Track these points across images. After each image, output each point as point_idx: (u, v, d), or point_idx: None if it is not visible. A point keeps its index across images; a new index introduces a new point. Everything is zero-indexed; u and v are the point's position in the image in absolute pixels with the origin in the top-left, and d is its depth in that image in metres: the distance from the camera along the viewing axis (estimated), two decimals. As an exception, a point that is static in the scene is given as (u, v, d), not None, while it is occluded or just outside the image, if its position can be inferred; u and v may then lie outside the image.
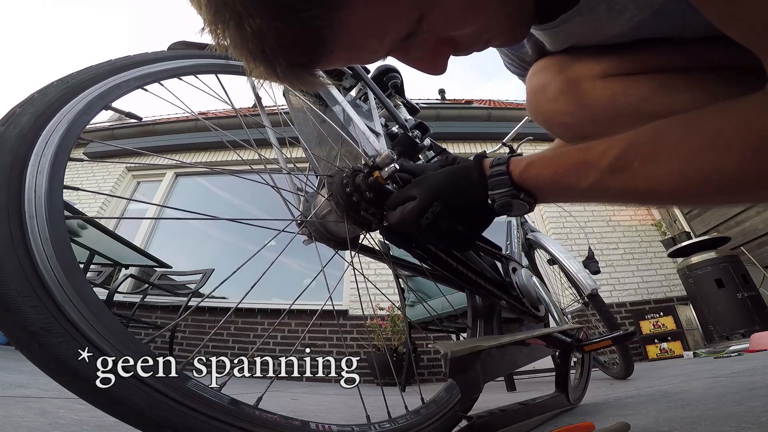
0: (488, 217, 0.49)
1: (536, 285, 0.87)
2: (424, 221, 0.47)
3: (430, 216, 0.47)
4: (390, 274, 3.15)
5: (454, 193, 0.47)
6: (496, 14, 0.37)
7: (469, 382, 0.49)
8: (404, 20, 0.33)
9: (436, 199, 0.47)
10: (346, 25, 0.30)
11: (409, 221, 0.48)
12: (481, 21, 0.37)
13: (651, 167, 0.35)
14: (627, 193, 0.38)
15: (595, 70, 0.50)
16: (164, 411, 0.30)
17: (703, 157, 0.32)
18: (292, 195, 0.65)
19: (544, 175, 0.43)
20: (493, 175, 0.46)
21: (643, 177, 0.36)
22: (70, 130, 0.37)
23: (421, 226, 0.47)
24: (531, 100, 0.57)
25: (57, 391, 0.83)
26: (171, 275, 3.23)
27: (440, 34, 0.36)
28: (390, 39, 0.34)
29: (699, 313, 3.25)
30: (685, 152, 0.33)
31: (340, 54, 0.33)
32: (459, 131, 4.97)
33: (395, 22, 0.32)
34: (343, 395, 1.84)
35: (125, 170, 5.08)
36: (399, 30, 0.33)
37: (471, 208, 0.47)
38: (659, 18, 0.42)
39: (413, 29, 0.34)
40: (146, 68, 0.49)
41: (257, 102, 0.79)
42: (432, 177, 0.50)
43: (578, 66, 0.51)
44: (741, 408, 0.60)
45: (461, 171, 0.49)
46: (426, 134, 0.93)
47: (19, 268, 0.28)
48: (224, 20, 0.28)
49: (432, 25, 0.34)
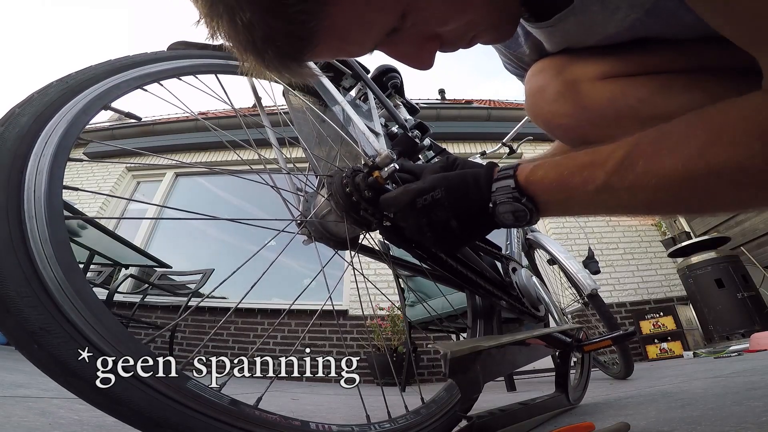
0: (485, 225, 0.48)
1: (536, 285, 0.87)
2: (421, 201, 0.46)
3: (429, 199, 0.46)
4: (390, 274, 3.15)
5: (458, 188, 0.47)
6: (480, 11, 0.38)
7: (469, 382, 0.49)
8: (389, 15, 0.34)
9: (440, 186, 0.46)
10: (332, 19, 0.31)
11: (406, 198, 0.48)
12: (466, 17, 0.37)
13: (657, 165, 0.35)
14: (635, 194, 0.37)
15: (593, 72, 0.50)
16: (164, 411, 0.30)
17: (710, 152, 0.32)
18: (292, 195, 0.65)
19: (551, 177, 0.42)
20: (499, 178, 0.45)
21: (651, 175, 0.35)
22: (70, 130, 0.37)
23: (416, 206, 0.47)
24: (530, 102, 0.57)
25: (57, 391, 0.83)
26: (171, 275, 3.23)
27: (425, 29, 0.37)
28: (375, 33, 0.35)
29: (699, 313, 3.25)
30: (690, 149, 0.33)
31: (327, 46, 0.35)
32: (459, 131, 4.97)
33: (380, 17, 0.34)
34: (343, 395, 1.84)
35: (125, 170, 5.08)
36: (384, 25, 0.34)
37: (469, 207, 0.47)
38: (652, 17, 0.42)
39: (398, 24, 0.35)
40: (146, 68, 0.49)
41: (257, 102, 0.79)
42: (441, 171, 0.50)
43: (577, 67, 0.51)
44: (741, 408, 0.60)
45: (471, 172, 0.49)
46: (426, 134, 0.93)
47: (19, 268, 0.28)
48: (218, 13, 0.30)
49: (416, 20, 0.35)
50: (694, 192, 0.34)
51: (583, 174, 0.39)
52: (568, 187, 0.40)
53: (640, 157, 0.36)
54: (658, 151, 0.35)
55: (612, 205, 0.40)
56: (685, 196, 0.35)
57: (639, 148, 0.36)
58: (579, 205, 0.42)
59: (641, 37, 0.46)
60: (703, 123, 0.34)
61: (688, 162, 0.33)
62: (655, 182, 0.35)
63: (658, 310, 3.33)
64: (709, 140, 0.32)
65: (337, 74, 0.92)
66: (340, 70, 0.91)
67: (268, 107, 0.81)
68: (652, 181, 0.35)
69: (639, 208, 0.40)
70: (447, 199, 0.46)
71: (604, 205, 0.40)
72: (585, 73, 0.51)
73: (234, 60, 0.65)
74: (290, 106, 0.82)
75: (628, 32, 0.45)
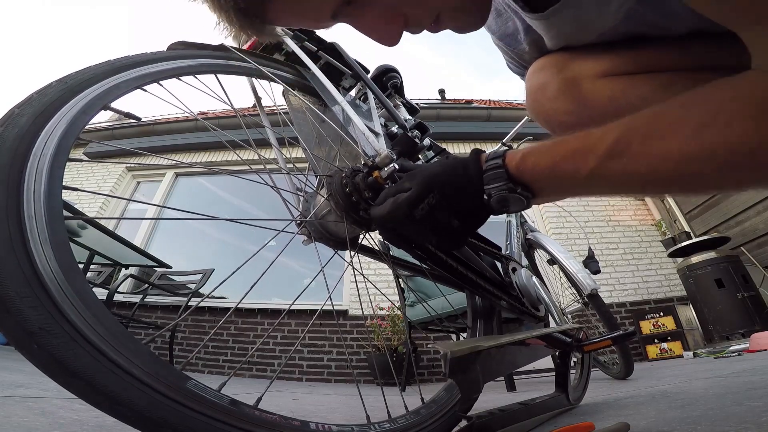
0: (484, 214, 0.47)
1: (536, 285, 0.87)
2: (419, 212, 0.45)
3: (425, 207, 0.44)
4: (390, 274, 3.15)
5: (450, 185, 0.45)
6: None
7: (469, 382, 0.49)
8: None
9: (433, 190, 0.45)
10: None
11: (401, 212, 0.46)
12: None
13: (651, 147, 0.34)
14: (628, 177, 0.36)
15: (594, 69, 0.50)
16: (164, 411, 0.30)
17: (705, 133, 0.32)
18: (292, 195, 0.65)
19: (542, 165, 0.41)
20: (488, 168, 0.44)
21: (644, 157, 0.35)
22: (69, 130, 0.37)
23: (416, 218, 0.45)
24: (530, 99, 0.57)
25: (57, 391, 0.83)
26: (171, 275, 3.23)
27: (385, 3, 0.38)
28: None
29: (699, 313, 3.25)
30: (685, 130, 0.33)
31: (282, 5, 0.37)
32: (459, 131, 4.97)
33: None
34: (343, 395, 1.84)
35: (125, 170, 5.08)
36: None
37: (466, 203, 0.46)
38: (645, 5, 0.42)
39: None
40: (145, 68, 0.49)
41: (257, 102, 0.79)
42: (427, 168, 0.48)
43: (578, 65, 0.51)
44: (741, 408, 0.60)
45: (457, 164, 0.47)
46: (425, 134, 0.93)
47: (18, 268, 0.28)
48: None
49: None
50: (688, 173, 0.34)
51: (575, 159, 0.39)
52: (560, 174, 0.40)
53: (633, 140, 0.35)
54: (651, 134, 0.35)
55: (605, 188, 0.40)
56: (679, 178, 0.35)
57: (631, 132, 0.36)
58: (572, 190, 0.42)
59: (639, 34, 0.46)
60: (697, 104, 0.34)
61: (682, 144, 0.33)
62: (649, 165, 0.35)
63: (658, 310, 3.33)
64: (703, 121, 0.32)
65: (337, 74, 0.92)
66: (340, 70, 0.91)
67: (267, 107, 0.81)
68: (644, 165, 0.35)
69: (632, 190, 0.41)
70: (444, 201, 0.45)
71: (597, 188, 0.40)
72: (586, 71, 0.51)
73: (234, 60, 0.65)
74: (290, 106, 0.82)
75: (624, 25, 0.45)
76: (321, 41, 0.89)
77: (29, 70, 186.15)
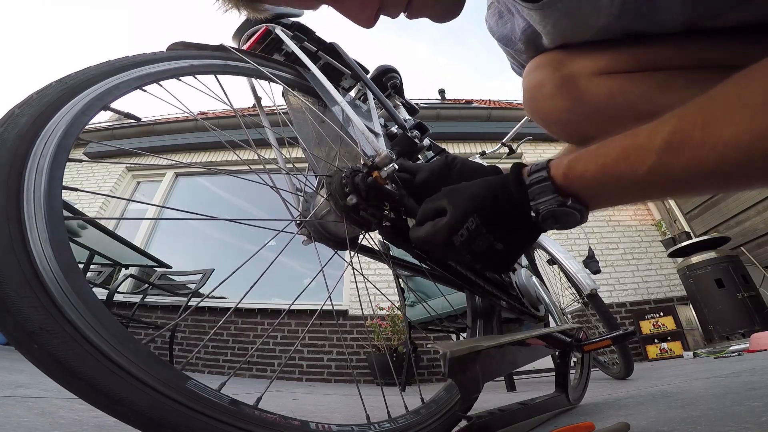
0: (532, 234, 0.44)
1: (536, 285, 0.87)
2: (459, 239, 0.42)
3: (465, 233, 0.42)
4: (390, 274, 3.15)
5: (491, 206, 0.42)
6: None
7: (469, 382, 0.49)
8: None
9: (472, 214, 0.42)
10: None
11: (440, 239, 0.43)
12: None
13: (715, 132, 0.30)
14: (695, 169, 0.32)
15: (592, 67, 0.50)
16: (164, 411, 0.30)
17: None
18: (292, 195, 0.65)
19: (592, 170, 0.38)
20: (532, 183, 0.41)
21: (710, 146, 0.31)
22: (69, 130, 0.37)
23: (455, 245, 0.42)
24: (527, 98, 0.57)
25: (57, 391, 0.83)
26: (171, 275, 3.23)
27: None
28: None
29: (699, 313, 3.25)
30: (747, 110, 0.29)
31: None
32: (459, 131, 4.97)
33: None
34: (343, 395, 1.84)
35: (125, 170, 5.08)
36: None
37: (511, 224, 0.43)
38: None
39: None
40: (145, 69, 0.49)
41: (256, 102, 0.79)
42: (465, 188, 0.45)
43: (575, 63, 0.51)
44: (741, 408, 0.60)
45: (498, 181, 0.45)
46: (425, 134, 0.93)
47: (19, 269, 0.28)
48: None
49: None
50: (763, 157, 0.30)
51: (629, 159, 0.35)
52: (614, 177, 0.36)
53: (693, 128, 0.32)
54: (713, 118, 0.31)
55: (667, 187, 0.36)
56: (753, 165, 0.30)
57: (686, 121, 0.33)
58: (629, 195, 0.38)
59: (636, 31, 0.46)
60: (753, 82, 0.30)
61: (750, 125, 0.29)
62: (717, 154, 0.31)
63: (658, 310, 3.33)
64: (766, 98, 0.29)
65: (337, 74, 0.92)
66: (340, 70, 0.91)
67: (267, 107, 0.81)
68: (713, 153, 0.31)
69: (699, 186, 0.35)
70: (485, 226, 0.42)
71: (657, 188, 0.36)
72: (583, 69, 0.50)
73: (233, 60, 0.65)
74: (290, 107, 0.82)
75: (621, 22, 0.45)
76: (321, 41, 0.89)
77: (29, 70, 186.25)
